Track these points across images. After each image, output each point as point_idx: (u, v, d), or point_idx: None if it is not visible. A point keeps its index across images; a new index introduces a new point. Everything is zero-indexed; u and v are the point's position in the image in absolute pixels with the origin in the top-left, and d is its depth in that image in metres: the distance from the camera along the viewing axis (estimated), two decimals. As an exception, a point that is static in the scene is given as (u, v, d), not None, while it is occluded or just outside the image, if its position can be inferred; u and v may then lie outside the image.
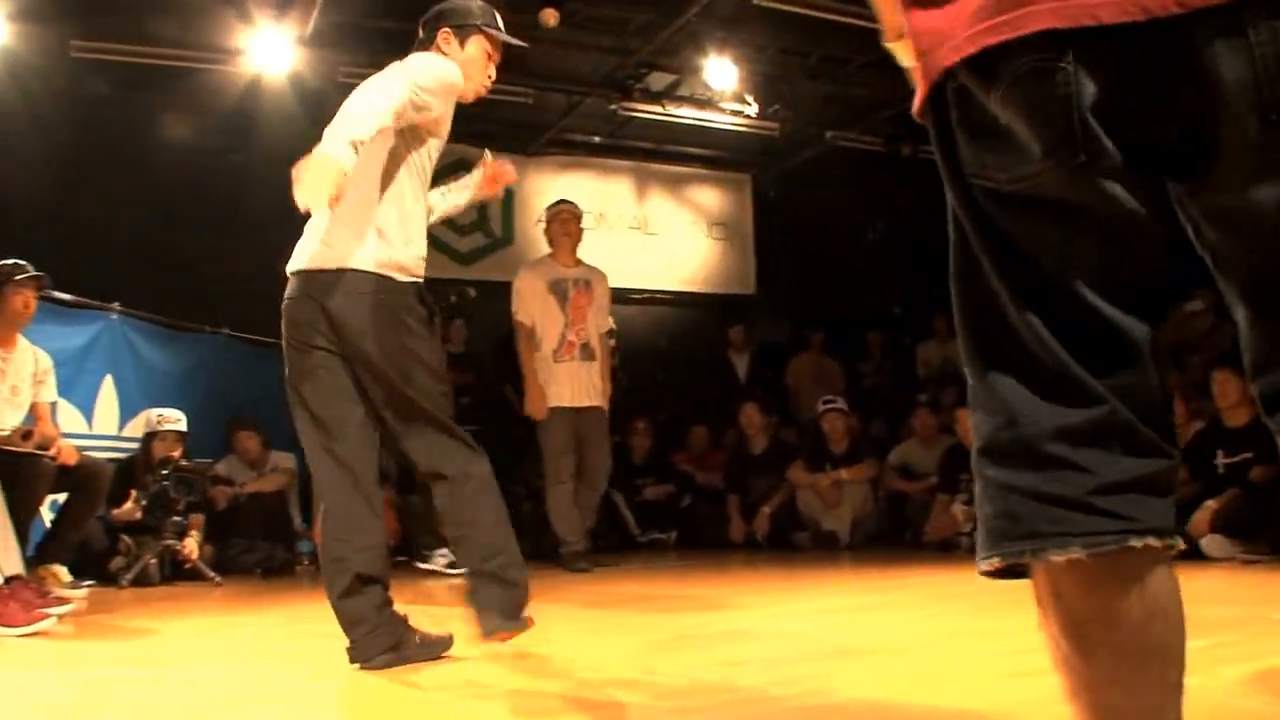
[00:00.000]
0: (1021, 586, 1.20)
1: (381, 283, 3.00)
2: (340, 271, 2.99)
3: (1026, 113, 1.10)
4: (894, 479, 8.35)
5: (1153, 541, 1.12)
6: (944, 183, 1.23)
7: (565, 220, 6.83)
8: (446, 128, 3.22)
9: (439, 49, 3.27)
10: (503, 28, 3.39)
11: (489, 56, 3.33)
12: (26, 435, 5.24)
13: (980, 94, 1.13)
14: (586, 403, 6.64)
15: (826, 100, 9.49)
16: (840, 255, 11.36)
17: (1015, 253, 1.17)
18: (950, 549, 7.23)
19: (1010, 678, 2.63)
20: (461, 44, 3.29)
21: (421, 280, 3.14)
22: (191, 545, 6.20)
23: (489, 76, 3.34)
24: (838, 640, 3.50)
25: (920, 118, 1.25)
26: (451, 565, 6.19)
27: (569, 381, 6.61)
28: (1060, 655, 1.19)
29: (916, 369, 10.18)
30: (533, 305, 6.66)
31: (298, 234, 3.12)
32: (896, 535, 8.12)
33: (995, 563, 1.18)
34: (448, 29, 3.30)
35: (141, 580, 5.84)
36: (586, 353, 6.68)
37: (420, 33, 3.37)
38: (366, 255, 3.00)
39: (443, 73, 3.12)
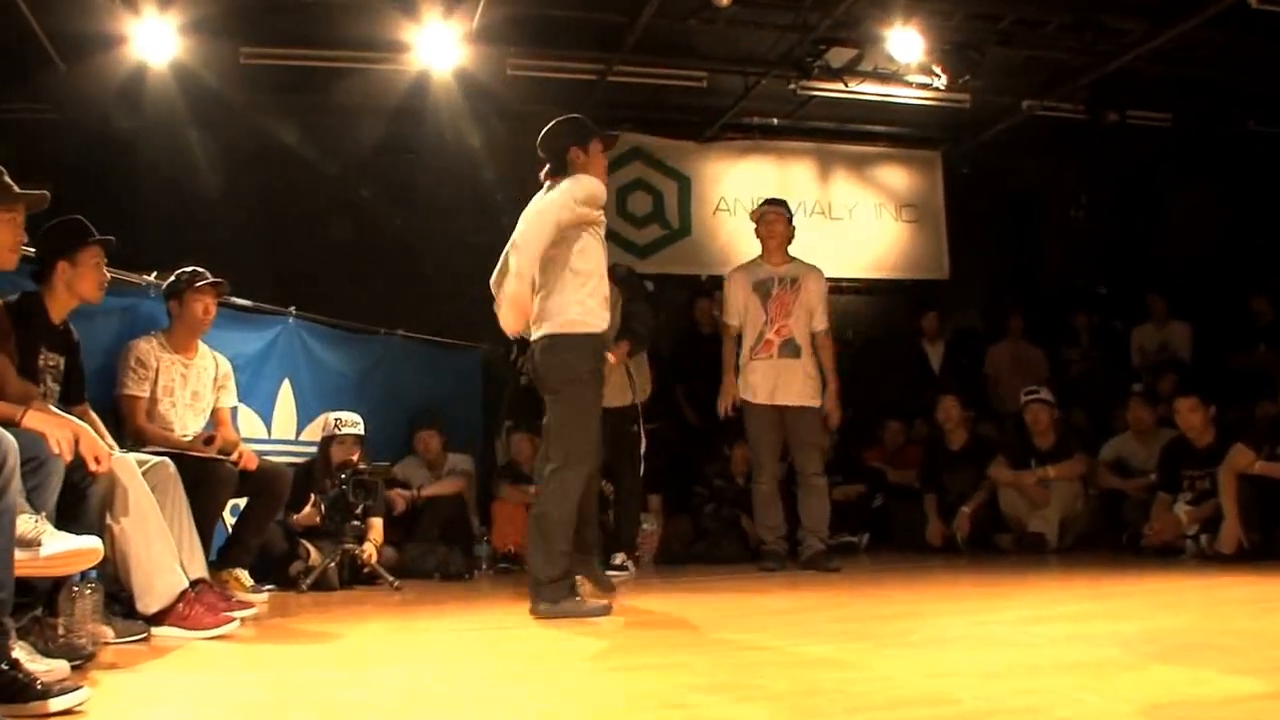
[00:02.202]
0: (1257, 595, 0.85)
1: None
2: None
3: None
4: (1107, 476, 7.72)
5: None
6: None
7: (770, 221, 6.82)
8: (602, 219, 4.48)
9: (575, 165, 4.44)
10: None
11: (603, 151, 4.57)
12: (209, 440, 5.27)
13: None
14: (787, 401, 6.57)
15: (1021, 67, 9.00)
16: (1041, 233, 10.98)
17: None
18: (1173, 554, 6.57)
19: (1260, 701, 2.35)
20: (587, 152, 4.49)
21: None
22: (370, 549, 6.17)
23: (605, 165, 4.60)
24: (1052, 652, 3.20)
25: None
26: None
27: (764, 378, 6.59)
28: None
29: (1130, 355, 9.62)
30: (739, 306, 6.76)
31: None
32: (1112, 538, 7.47)
33: None
34: (573, 146, 4.48)
35: (321, 584, 5.84)
36: (789, 349, 6.62)
37: (544, 157, 4.55)
38: None
39: (590, 188, 4.37)
